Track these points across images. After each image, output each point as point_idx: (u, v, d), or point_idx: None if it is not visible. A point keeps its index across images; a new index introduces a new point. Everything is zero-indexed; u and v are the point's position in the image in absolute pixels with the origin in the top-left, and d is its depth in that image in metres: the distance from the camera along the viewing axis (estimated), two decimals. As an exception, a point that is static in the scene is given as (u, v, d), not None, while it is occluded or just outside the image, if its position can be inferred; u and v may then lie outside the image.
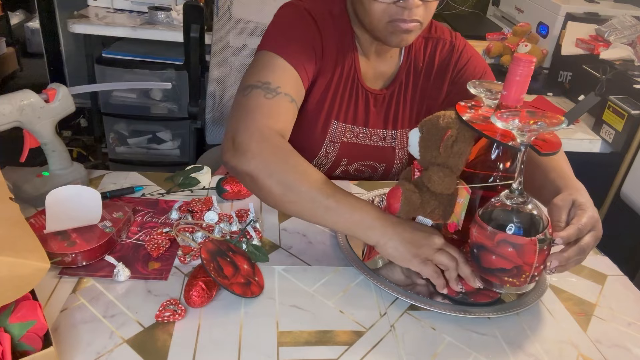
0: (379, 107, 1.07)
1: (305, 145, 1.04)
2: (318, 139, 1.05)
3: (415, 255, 0.76)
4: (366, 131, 1.08)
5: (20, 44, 3.79)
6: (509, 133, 0.72)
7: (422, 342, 0.72)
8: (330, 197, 0.79)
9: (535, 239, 0.69)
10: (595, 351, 0.74)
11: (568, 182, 0.82)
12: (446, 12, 2.79)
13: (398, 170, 1.16)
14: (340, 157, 1.08)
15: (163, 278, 0.78)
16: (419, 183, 0.85)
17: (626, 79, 1.57)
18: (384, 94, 1.07)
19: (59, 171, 0.95)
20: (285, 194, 0.80)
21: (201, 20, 1.54)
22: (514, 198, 0.71)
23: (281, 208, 0.87)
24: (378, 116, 1.08)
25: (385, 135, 1.10)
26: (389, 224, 0.78)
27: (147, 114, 2.36)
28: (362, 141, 1.08)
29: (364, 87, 1.04)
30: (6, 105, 0.84)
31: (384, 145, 1.10)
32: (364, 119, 1.07)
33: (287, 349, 0.69)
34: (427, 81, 1.08)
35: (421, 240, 0.77)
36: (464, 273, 0.76)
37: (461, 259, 0.76)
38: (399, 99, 1.08)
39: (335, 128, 1.05)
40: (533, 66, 0.71)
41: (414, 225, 0.80)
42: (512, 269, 0.71)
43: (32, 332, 0.60)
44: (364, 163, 1.11)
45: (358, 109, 1.05)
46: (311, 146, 1.06)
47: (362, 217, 0.78)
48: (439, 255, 0.76)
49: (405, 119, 1.10)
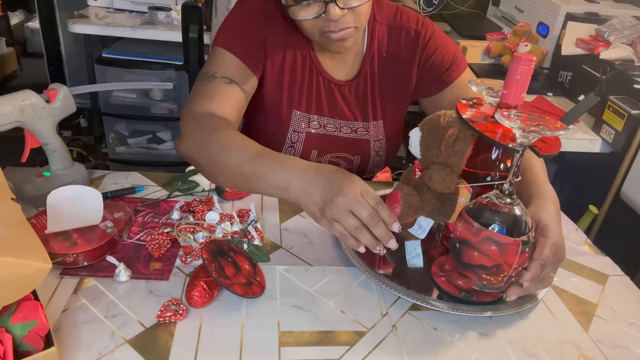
0: (347, 99, 1.08)
1: (270, 136, 1.07)
2: (281, 129, 1.06)
3: (322, 216, 0.74)
4: (335, 122, 1.08)
5: (20, 44, 3.79)
6: (509, 133, 0.73)
7: (423, 342, 0.72)
8: (255, 165, 0.78)
9: (519, 240, 0.70)
10: (597, 351, 0.74)
11: (540, 189, 0.83)
12: (446, 12, 2.79)
13: (377, 163, 1.15)
14: (308, 148, 1.08)
15: (164, 278, 0.78)
16: (420, 183, 0.85)
17: (626, 79, 1.57)
18: (349, 85, 1.07)
19: (60, 171, 0.95)
20: (214, 167, 0.84)
21: (200, 20, 1.54)
22: (503, 198, 0.72)
23: (216, 182, 0.94)
24: (346, 108, 1.08)
25: (356, 127, 1.10)
26: (302, 185, 0.75)
27: (147, 114, 2.36)
28: (331, 132, 1.08)
29: (327, 78, 1.05)
30: (7, 106, 0.84)
31: (356, 138, 1.10)
32: (329, 110, 1.07)
33: (289, 349, 0.69)
34: (393, 70, 1.08)
35: (332, 198, 0.72)
36: (378, 233, 0.72)
37: (379, 213, 0.72)
38: (366, 90, 1.08)
39: (297, 118, 1.06)
40: (533, 65, 0.71)
41: (331, 177, 0.74)
42: (491, 267, 0.72)
43: (34, 333, 0.60)
44: (337, 155, 1.11)
45: (322, 99, 1.06)
46: (276, 137, 1.07)
47: (278, 180, 0.77)
48: (345, 218, 0.72)
49: (376, 111, 1.10)
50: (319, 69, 1.04)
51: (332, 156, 1.11)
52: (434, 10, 2.81)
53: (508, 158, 0.79)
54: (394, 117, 1.13)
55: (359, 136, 1.10)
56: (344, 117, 1.09)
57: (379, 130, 1.11)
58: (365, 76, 1.07)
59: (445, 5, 2.79)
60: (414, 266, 0.86)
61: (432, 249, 0.91)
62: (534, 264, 0.72)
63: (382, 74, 1.08)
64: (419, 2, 2.78)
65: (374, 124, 1.11)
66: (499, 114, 0.67)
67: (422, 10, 2.81)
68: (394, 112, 1.12)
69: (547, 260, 0.73)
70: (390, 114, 1.11)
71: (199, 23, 1.54)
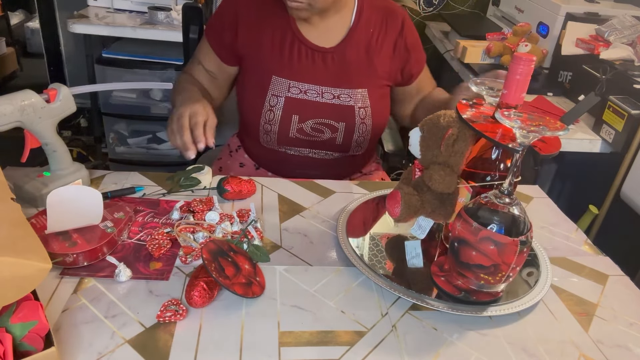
0: (329, 65, 1.13)
1: (251, 99, 1.16)
2: (261, 93, 1.14)
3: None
4: (316, 88, 1.13)
5: (20, 44, 3.79)
6: (509, 133, 0.73)
7: (423, 342, 0.72)
8: (178, 93, 1.09)
9: (517, 240, 0.70)
10: (597, 351, 0.74)
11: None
12: (446, 12, 2.79)
13: (363, 132, 1.17)
14: (287, 112, 1.12)
15: (164, 278, 0.78)
16: (420, 183, 0.85)
17: (626, 79, 1.57)
18: (333, 52, 1.13)
19: (60, 171, 0.95)
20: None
21: (200, 21, 1.54)
22: (502, 198, 0.72)
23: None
24: (328, 74, 1.13)
25: (339, 93, 1.13)
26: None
27: (147, 114, 2.35)
28: (312, 98, 1.13)
29: (309, 45, 1.12)
30: (7, 106, 0.84)
31: (339, 104, 1.14)
32: (311, 76, 1.13)
33: (289, 349, 0.69)
34: (378, 46, 1.16)
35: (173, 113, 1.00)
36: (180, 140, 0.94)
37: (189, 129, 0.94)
38: (351, 58, 1.14)
39: (276, 83, 1.13)
40: (533, 65, 0.71)
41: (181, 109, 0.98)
42: (489, 267, 0.72)
43: (34, 333, 0.60)
44: (319, 121, 1.14)
45: (302, 65, 1.13)
46: (255, 101, 1.14)
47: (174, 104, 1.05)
48: (171, 123, 0.98)
49: (361, 79, 1.15)
50: (299, 37, 1.12)
51: (315, 122, 1.14)
52: (434, 10, 2.81)
53: (508, 158, 0.79)
54: (380, 87, 1.18)
55: (342, 102, 1.14)
56: (326, 84, 1.13)
57: (364, 98, 1.15)
58: (351, 45, 1.14)
59: (445, 5, 2.79)
60: (414, 266, 0.86)
61: (432, 249, 0.91)
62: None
63: (368, 46, 1.15)
64: (419, 2, 2.78)
65: (359, 92, 1.14)
66: (499, 114, 0.67)
67: (422, 10, 2.81)
68: (379, 83, 1.17)
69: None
70: (375, 84, 1.16)
71: (199, 24, 1.53)
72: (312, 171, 1.18)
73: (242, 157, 1.29)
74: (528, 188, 1.18)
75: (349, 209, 0.99)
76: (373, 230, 0.95)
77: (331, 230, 0.94)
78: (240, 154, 1.30)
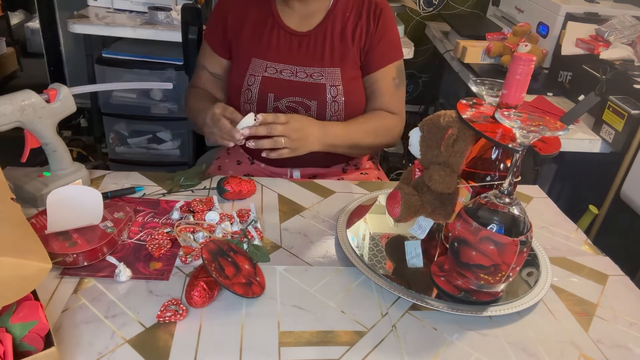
0: (305, 48, 1.20)
1: (233, 81, 1.23)
2: (240, 74, 1.21)
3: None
4: (291, 68, 1.19)
5: (20, 44, 3.79)
6: (509, 133, 0.73)
7: (423, 342, 0.72)
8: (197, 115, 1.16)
9: (517, 240, 0.70)
10: (597, 351, 0.74)
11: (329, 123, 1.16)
12: (446, 12, 2.79)
13: (335, 111, 1.19)
14: (264, 91, 1.18)
15: (164, 278, 0.78)
16: (420, 183, 0.85)
17: (626, 79, 1.57)
18: (309, 35, 1.20)
19: (60, 171, 0.95)
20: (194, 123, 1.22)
21: (199, 21, 1.54)
22: (502, 198, 0.72)
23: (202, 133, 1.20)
24: (303, 55, 1.20)
25: (312, 72, 1.19)
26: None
27: (147, 114, 2.35)
28: (287, 77, 1.19)
29: (287, 30, 1.20)
30: (7, 106, 0.84)
31: (312, 82, 1.18)
32: (287, 57, 1.20)
33: (289, 349, 0.69)
34: (352, 28, 1.21)
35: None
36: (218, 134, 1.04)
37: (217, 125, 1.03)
38: (325, 40, 1.20)
39: (255, 64, 1.20)
40: (533, 65, 0.71)
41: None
42: (489, 267, 0.72)
43: (34, 333, 0.60)
44: (292, 99, 1.19)
45: (280, 48, 1.20)
46: (236, 81, 1.22)
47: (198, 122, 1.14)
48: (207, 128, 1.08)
49: (333, 59, 1.19)
50: (279, 23, 1.20)
51: (289, 100, 1.19)
52: (434, 10, 2.81)
53: (508, 158, 0.79)
54: (353, 68, 1.21)
55: (315, 80, 1.18)
56: (301, 63, 1.19)
57: (336, 77, 1.19)
58: (326, 29, 1.20)
59: (445, 5, 2.79)
60: (414, 266, 0.86)
61: (432, 249, 0.91)
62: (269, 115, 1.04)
63: (343, 28, 1.21)
64: (418, 2, 2.78)
65: (331, 70, 1.19)
66: (499, 114, 0.67)
67: (422, 10, 2.81)
68: (352, 65, 1.21)
69: (277, 118, 1.04)
70: (347, 65, 1.20)
71: (199, 24, 1.54)
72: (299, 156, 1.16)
73: (239, 154, 1.31)
74: (528, 188, 1.18)
75: (349, 209, 1.00)
76: (373, 230, 0.95)
77: (331, 230, 0.94)
78: (237, 151, 1.31)
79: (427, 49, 2.86)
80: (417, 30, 2.81)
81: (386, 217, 0.94)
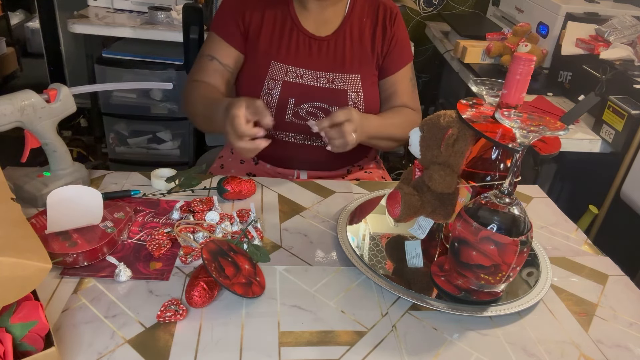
0: (324, 52, 1.20)
1: (251, 84, 1.20)
2: (259, 77, 1.18)
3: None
4: (311, 73, 1.18)
5: (20, 44, 3.78)
6: (509, 133, 0.73)
7: (423, 342, 0.72)
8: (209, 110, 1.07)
9: (517, 239, 0.70)
10: (597, 351, 0.74)
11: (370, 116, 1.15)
12: (446, 12, 2.79)
13: None
14: (284, 95, 1.17)
15: (164, 278, 0.78)
16: (420, 183, 0.85)
17: (626, 79, 1.57)
18: (328, 40, 1.20)
19: (60, 171, 0.95)
20: (194, 120, 1.19)
21: (200, 21, 1.54)
22: (502, 198, 0.72)
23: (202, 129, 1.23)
24: (323, 60, 1.20)
25: (333, 78, 1.19)
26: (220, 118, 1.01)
27: (147, 114, 2.35)
28: (308, 82, 1.18)
29: (306, 34, 1.19)
30: (7, 106, 0.84)
31: (333, 88, 1.18)
32: (307, 62, 1.19)
33: (289, 349, 0.69)
34: (370, 34, 1.23)
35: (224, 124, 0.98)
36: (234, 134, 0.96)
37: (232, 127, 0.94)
38: (344, 46, 1.21)
39: (275, 68, 1.18)
40: (533, 65, 0.71)
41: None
42: (490, 267, 0.72)
43: (34, 333, 0.60)
44: (313, 105, 1.18)
45: (299, 52, 1.19)
46: (255, 85, 1.19)
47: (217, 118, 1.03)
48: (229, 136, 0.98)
49: (353, 65, 1.20)
50: (298, 26, 1.19)
51: (310, 106, 1.18)
52: (434, 10, 2.81)
53: (508, 158, 0.79)
54: (372, 74, 1.23)
55: (336, 86, 1.18)
56: (321, 69, 1.19)
57: (357, 83, 1.19)
58: (344, 34, 1.21)
59: (445, 5, 2.79)
60: (414, 266, 0.86)
61: (432, 249, 0.91)
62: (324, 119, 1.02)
63: (361, 35, 1.22)
64: (419, 2, 2.78)
65: (352, 77, 1.19)
66: (499, 114, 0.67)
67: (422, 10, 2.81)
68: (371, 71, 1.22)
69: (336, 117, 1.01)
70: (367, 72, 1.21)
71: (200, 24, 1.54)
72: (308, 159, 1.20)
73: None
74: (528, 188, 1.18)
75: (349, 209, 1.00)
76: (373, 230, 0.95)
77: (331, 230, 0.94)
78: None
79: (427, 49, 2.86)
80: (417, 30, 2.81)
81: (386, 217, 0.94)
